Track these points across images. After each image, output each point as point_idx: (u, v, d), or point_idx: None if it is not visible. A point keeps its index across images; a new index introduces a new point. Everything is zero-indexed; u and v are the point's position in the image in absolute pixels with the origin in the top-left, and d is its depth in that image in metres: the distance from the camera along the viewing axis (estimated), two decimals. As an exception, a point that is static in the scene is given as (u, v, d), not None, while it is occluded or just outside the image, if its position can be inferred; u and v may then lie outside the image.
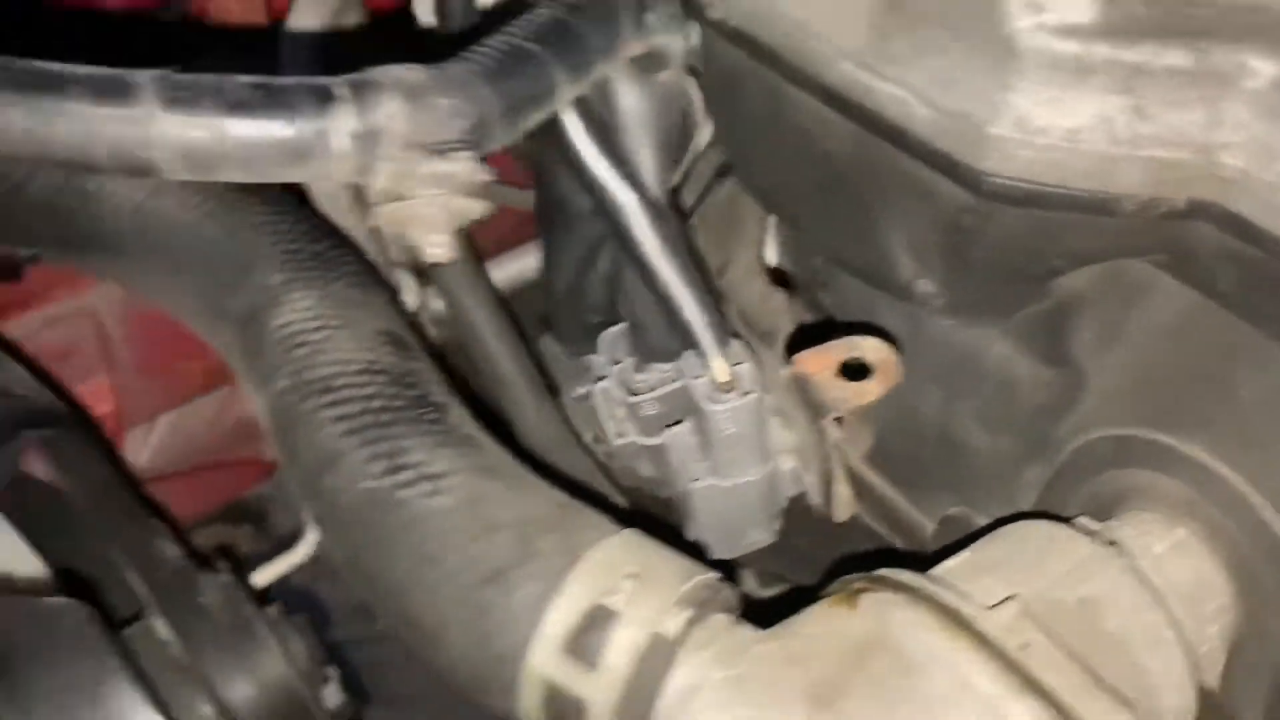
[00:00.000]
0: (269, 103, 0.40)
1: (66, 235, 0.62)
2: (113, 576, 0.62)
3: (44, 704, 0.51)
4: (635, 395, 0.52)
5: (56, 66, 0.40)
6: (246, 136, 0.40)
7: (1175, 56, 0.40)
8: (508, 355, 0.64)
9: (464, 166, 0.43)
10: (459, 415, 0.54)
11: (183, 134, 0.39)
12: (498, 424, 0.60)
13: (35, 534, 0.59)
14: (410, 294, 0.69)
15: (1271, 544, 0.48)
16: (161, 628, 0.58)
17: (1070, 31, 0.40)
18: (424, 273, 0.67)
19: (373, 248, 0.67)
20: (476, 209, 0.45)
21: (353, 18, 0.73)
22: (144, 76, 0.38)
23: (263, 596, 0.64)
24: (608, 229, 0.49)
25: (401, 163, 0.41)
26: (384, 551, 0.51)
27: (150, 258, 0.62)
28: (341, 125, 0.40)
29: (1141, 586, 0.48)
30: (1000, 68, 0.41)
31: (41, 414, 0.63)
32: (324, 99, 0.40)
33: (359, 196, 0.64)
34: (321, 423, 0.53)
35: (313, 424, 0.53)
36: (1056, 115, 0.41)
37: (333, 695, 0.64)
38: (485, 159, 0.45)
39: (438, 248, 0.46)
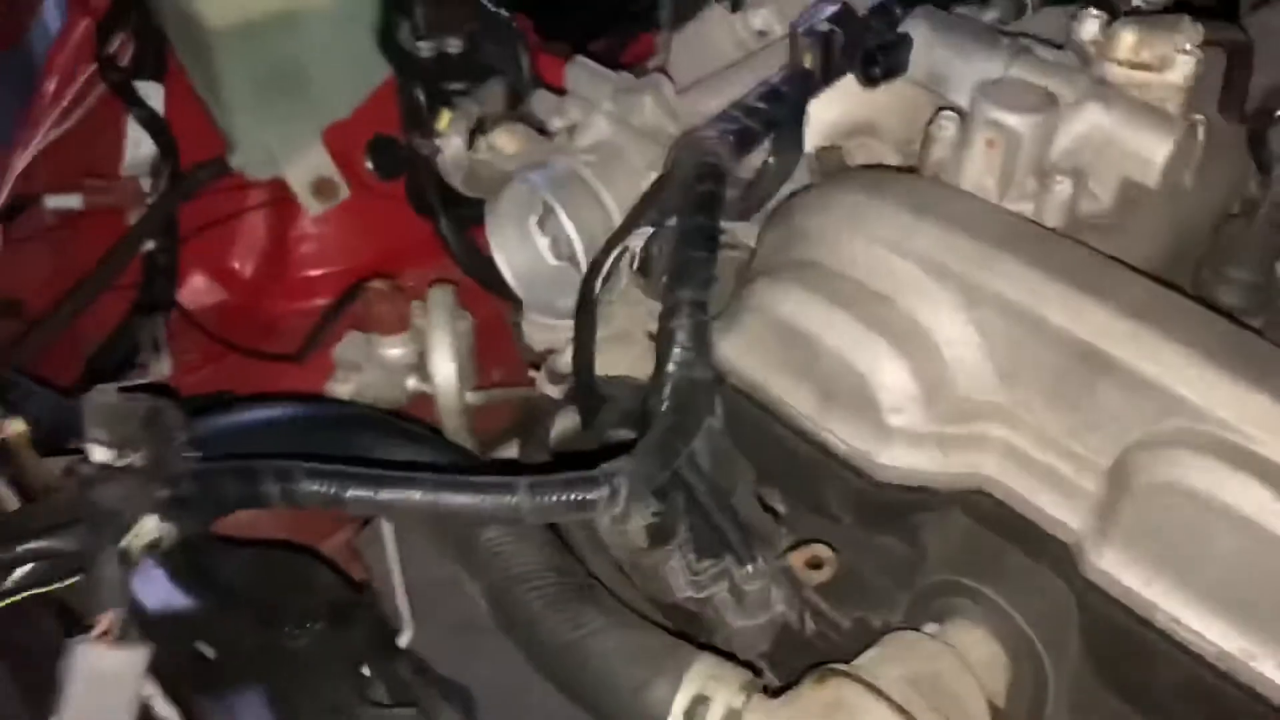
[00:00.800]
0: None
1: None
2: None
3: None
4: (697, 573, 0.98)
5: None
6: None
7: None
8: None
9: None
10: (599, 590, 0.98)
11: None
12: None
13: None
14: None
15: (1023, 638, 0.95)
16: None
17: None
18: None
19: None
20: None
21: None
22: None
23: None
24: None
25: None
26: (571, 668, 0.94)
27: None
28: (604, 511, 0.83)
29: (960, 663, 0.95)
30: (882, 433, 0.88)
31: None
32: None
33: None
34: (526, 599, 0.97)
35: (520, 601, 0.97)
36: (906, 456, 0.88)
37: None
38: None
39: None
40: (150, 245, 1.52)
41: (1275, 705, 0.75)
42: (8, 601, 0.79)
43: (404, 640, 1.22)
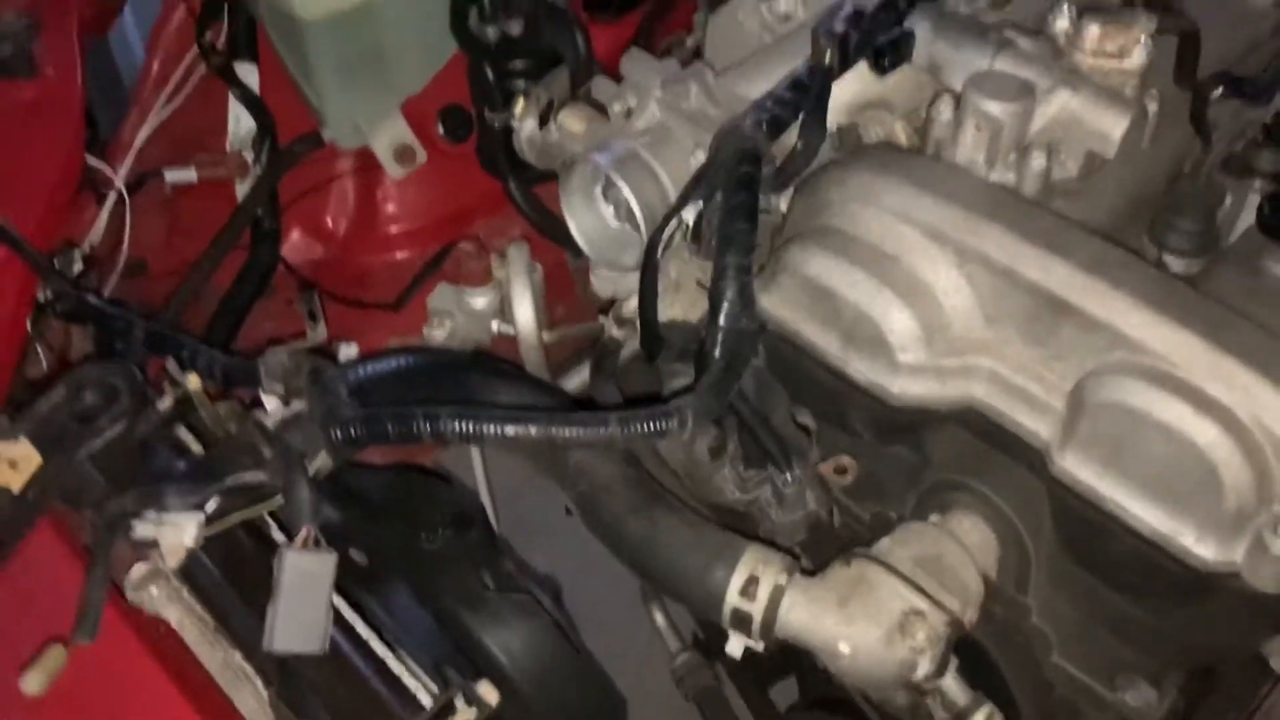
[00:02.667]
0: None
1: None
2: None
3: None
4: (745, 480, 1.22)
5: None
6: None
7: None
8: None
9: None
10: (668, 495, 1.22)
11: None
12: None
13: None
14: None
15: (1008, 523, 1.18)
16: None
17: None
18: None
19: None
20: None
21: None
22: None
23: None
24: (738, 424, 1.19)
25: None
26: (650, 557, 1.18)
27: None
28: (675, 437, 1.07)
29: (958, 545, 1.18)
30: (892, 368, 1.10)
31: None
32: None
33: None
34: (610, 504, 1.20)
35: (605, 505, 1.21)
36: (912, 386, 1.10)
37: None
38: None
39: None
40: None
41: (1195, 569, 0.98)
42: (229, 522, 1.03)
43: (496, 539, 1.48)
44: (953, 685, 1.15)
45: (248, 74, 1.79)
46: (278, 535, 1.11)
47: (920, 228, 1.08)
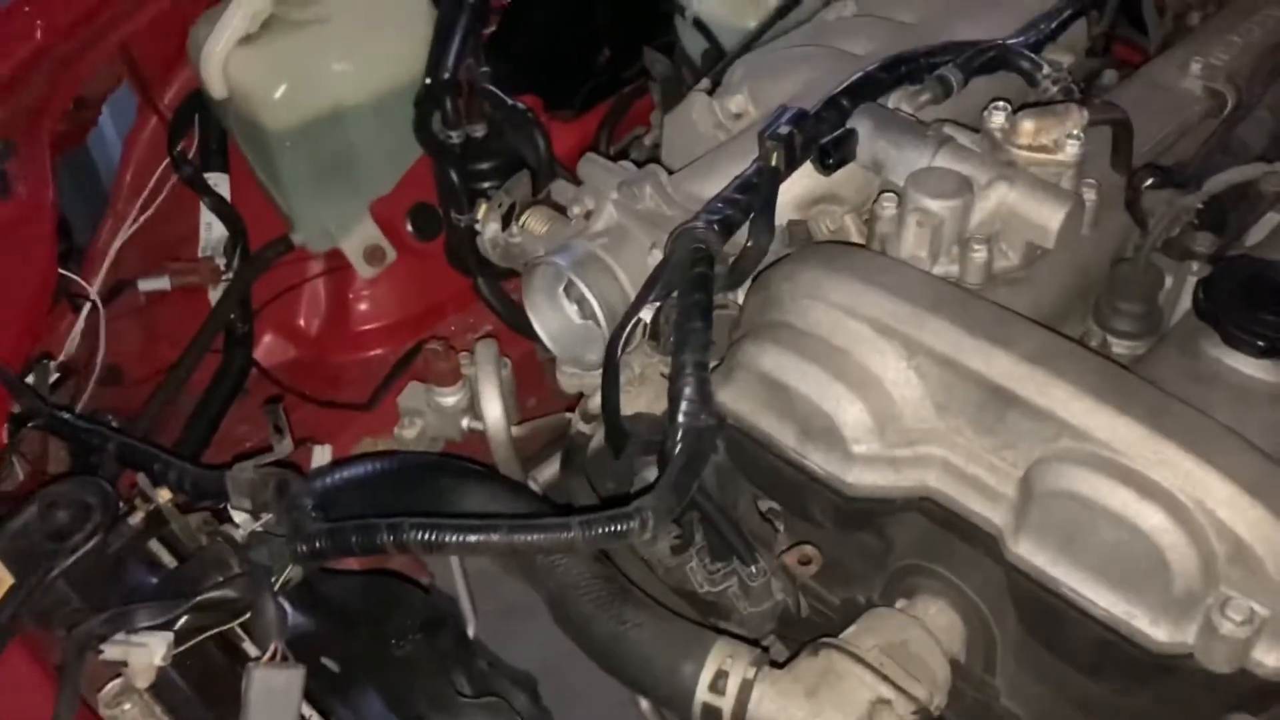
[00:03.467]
0: None
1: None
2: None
3: None
4: (711, 573, 1.24)
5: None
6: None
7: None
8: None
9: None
10: (636, 592, 1.24)
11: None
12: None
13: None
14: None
15: (972, 606, 1.20)
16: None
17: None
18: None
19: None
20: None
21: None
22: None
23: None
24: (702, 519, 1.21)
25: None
26: (618, 655, 1.19)
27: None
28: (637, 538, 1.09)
29: (924, 631, 1.19)
30: (847, 459, 1.12)
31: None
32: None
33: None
34: (579, 603, 1.22)
35: (574, 604, 1.22)
36: (867, 476, 1.12)
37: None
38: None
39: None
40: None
41: (1150, 650, 1.00)
42: (197, 640, 1.04)
43: (470, 631, 1.48)
44: (924, 771, 1.16)
45: (219, 183, 1.83)
46: (249, 648, 1.12)
47: (868, 322, 1.11)
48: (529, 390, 1.72)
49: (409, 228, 1.86)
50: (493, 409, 1.51)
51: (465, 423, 1.59)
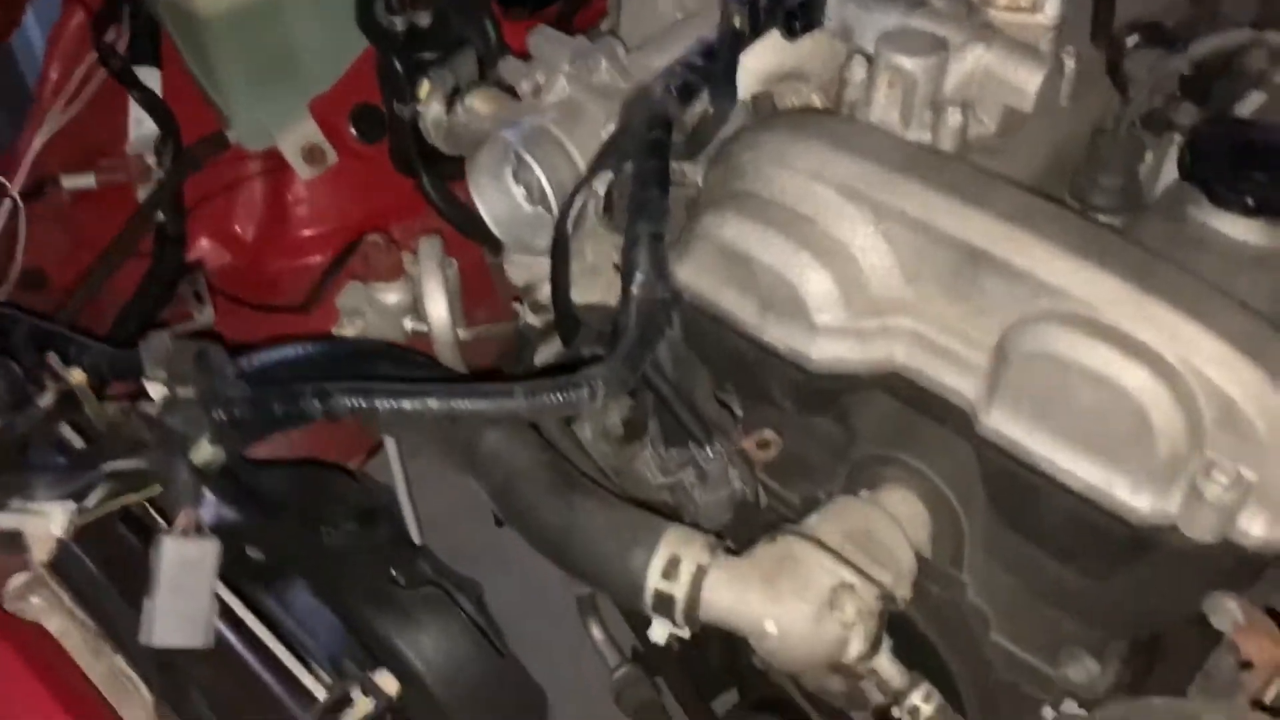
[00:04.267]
0: None
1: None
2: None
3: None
4: (665, 460, 1.16)
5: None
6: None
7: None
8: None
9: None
10: (585, 480, 1.16)
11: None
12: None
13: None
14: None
15: (939, 494, 1.14)
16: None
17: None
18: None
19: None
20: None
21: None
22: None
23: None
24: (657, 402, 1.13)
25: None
26: (567, 545, 1.12)
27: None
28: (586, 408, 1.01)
29: (888, 518, 1.13)
30: (811, 331, 1.06)
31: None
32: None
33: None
34: (525, 491, 1.14)
35: (520, 493, 1.15)
36: (832, 348, 1.06)
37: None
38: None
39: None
40: (160, 217, 1.67)
41: (1131, 523, 0.94)
42: (103, 510, 0.96)
43: (415, 538, 1.41)
44: (887, 665, 1.09)
45: (150, 78, 1.72)
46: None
47: (835, 187, 1.04)
48: (479, 300, 1.64)
49: (352, 130, 1.76)
50: (437, 307, 1.43)
51: (408, 323, 1.51)
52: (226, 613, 0.95)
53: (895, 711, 1.10)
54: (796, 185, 1.06)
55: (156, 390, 1.06)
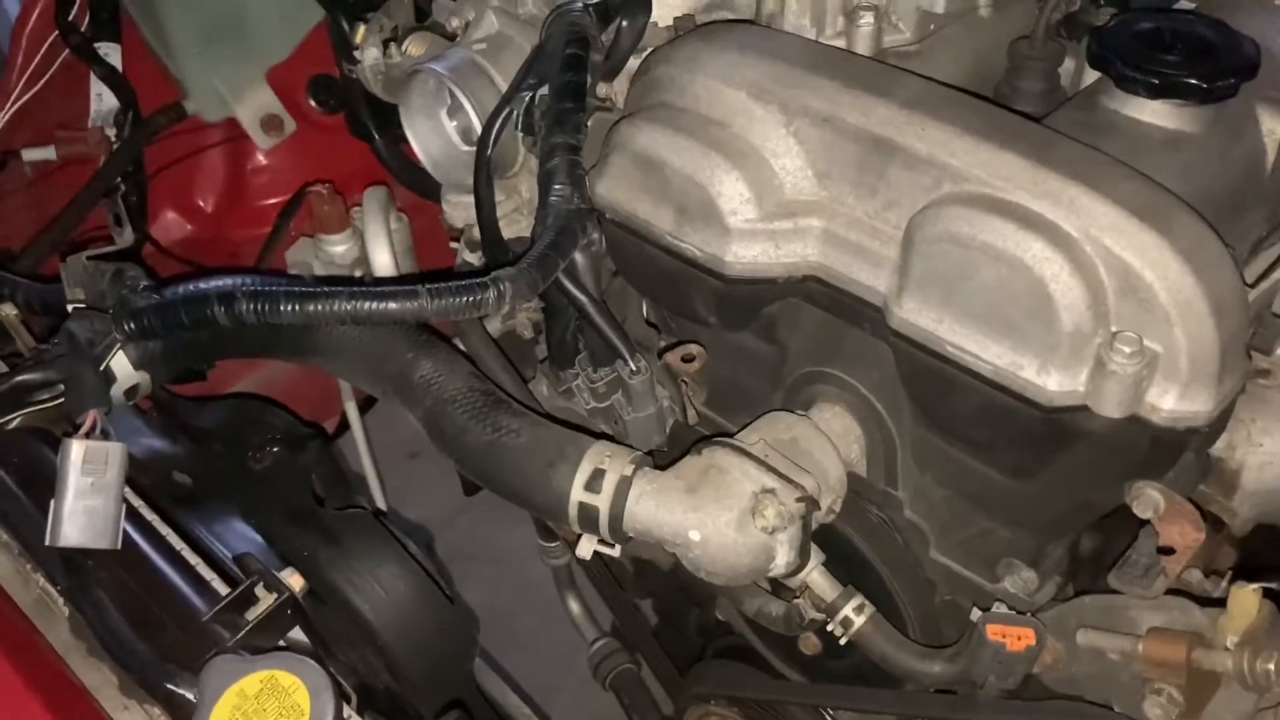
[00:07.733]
0: None
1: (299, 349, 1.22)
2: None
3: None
4: (594, 382, 1.15)
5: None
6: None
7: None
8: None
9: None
10: (514, 403, 1.16)
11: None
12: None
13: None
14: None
15: (869, 406, 1.13)
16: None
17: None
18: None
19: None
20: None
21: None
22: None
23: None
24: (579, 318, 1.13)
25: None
26: (493, 463, 1.11)
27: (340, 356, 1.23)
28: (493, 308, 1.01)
29: (815, 430, 1.12)
30: (725, 234, 1.05)
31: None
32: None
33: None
34: (455, 415, 1.14)
35: (450, 417, 1.14)
36: (746, 251, 1.05)
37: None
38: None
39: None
40: (122, 188, 1.69)
41: (1040, 403, 0.92)
42: (8, 423, 0.96)
43: (382, 505, 1.41)
44: (820, 580, 1.08)
45: (110, 54, 1.75)
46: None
47: (745, 89, 1.04)
48: (432, 260, 1.64)
49: (310, 100, 1.78)
50: (381, 254, 1.43)
51: (357, 275, 1.51)
52: (135, 517, 0.95)
53: (829, 626, 1.09)
54: (707, 90, 1.06)
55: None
